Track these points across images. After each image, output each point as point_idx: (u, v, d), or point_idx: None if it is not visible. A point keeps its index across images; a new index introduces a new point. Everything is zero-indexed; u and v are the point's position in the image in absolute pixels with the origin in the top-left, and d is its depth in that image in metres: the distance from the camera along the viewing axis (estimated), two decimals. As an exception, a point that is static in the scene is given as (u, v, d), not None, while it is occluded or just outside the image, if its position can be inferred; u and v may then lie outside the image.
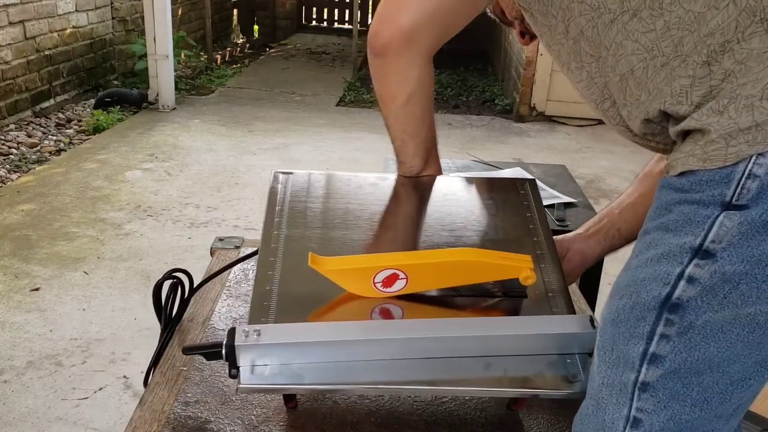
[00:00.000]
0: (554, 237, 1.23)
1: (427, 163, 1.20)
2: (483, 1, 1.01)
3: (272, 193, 1.15)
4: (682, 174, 0.78)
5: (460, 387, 0.90)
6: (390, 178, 1.22)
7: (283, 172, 1.22)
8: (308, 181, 1.21)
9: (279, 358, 0.89)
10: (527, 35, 1.15)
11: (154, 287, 1.16)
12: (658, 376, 0.78)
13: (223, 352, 0.88)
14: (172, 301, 1.18)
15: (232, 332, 0.88)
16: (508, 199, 1.18)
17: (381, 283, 0.95)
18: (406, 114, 1.12)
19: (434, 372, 0.89)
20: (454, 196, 1.20)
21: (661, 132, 0.87)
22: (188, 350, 0.98)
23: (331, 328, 0.93)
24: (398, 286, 0.96)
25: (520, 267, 0.95)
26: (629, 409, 0.80)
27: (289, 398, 1.00)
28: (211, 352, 0.92)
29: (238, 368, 0.88)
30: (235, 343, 0.87)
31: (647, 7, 0.81)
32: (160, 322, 1.18)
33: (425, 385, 0.89)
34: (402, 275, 0.95)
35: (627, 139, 0.97)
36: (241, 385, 0.87)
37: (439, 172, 1.23)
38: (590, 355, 0.90)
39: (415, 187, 1.21)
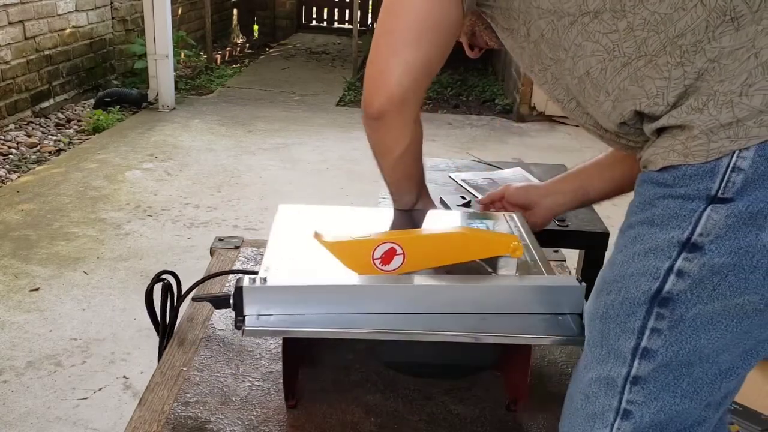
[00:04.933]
0: (520, 185, 1.39)
1: (420, 196, 1.26)
2: (455, 37, 1.03)
3: (276, 225, 1.16)
4: (663, 169, 0.79)
5: (456, 333, 0.93)
6: (389, 211, 1.28)
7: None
8: (311, 214, 1.22)
9: (283, 308, 0.92)
10: (476, 48, 1.20)
11: (146, 292, 1.17)
12: (650, 369, 0.79)
13: (231, 296, 0.92)
14: (165, 302, 1.19)
15: (239, 280, 0.92)
16: (497, 224, 1.21)
17: (380, 260, 0.98)
18: (402, 163, 1.17)
19: (432, 324, 0.93)
20: (446, 225, 1.26)
21: (635, 132, 0.88)
22: (198, 299, 1.08)
23: (336, 274, 0.97)
24: (396, 263, 0.98)
25: (508, 241, 1.00)
26: (619, 402, 0.81)
27: (289, 397, 1.01)
28: (219, 299, 1.01)
29: (244, 317, 0.91)
30: (243, 285, 0.91)
31: (608, 9, 0.82)
32: (155, 325, 1.19)
33: (423, 332, 0.93)
34: (399, 250, 0.98)
35: (596, 137, 0.99)
36: (246, 328, 0.90)
37: (431, 201, 1.30)
38: (581, 316, 0.94)
39: (412, 220, 1.26)
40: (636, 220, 0.82)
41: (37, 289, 2.80)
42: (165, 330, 1.17)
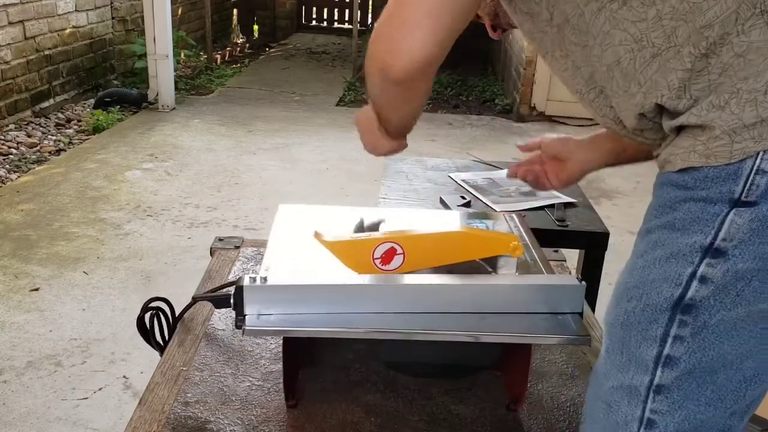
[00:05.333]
0: (558, 135, 1.31)
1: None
2: (476, 6, 1.00)
3: (276, 225, 1.16)
4: (683, 170, 0.77)
5: (456, 332, 0.94)
6: (389, 211, 1.29)
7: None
8: (311, 214, 1.23)
9: (284, 307, 0.93)
10: (498, 29, 1.17)
11: (137, 322, 1.18)
12: (674, 377, 0.77)
13: (231, 295, 0.92)
14: (159, 325, 1.19)
15: (239, 280, 0.92)
16: (497, 224, 1.21)
17: (380, 260, 0.98)
18: (405, 117, 1.13)
19: (432, 324, 0.94)
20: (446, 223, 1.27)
21: (653, 128, 0.86)
22: (198, 298, 1.06)
23: (336, 273, 0.98)
24: (396, 263, 0.99)
25: (508, 241, 1.00)
26: (643, 411, 0.79)
27: (289, 397, 1.01)
28: (219, 298, 1.00)
29: (244, 317, 0.92)
30: (243, 284, 0.91)
31: None
32: (153, 346, 1.19)
33: (423, 332, 0.93)
34: (399, 250, 0.98)
35: (612, 131, 0.96)
36: (247, 327, 0.91)
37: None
38: (581, 315, 0.94)
39: (412, 220, 1.26)
40: (656, 224, 0.80)
41: (37, 289, 2.80)
42: (163, 350, 1.17)
